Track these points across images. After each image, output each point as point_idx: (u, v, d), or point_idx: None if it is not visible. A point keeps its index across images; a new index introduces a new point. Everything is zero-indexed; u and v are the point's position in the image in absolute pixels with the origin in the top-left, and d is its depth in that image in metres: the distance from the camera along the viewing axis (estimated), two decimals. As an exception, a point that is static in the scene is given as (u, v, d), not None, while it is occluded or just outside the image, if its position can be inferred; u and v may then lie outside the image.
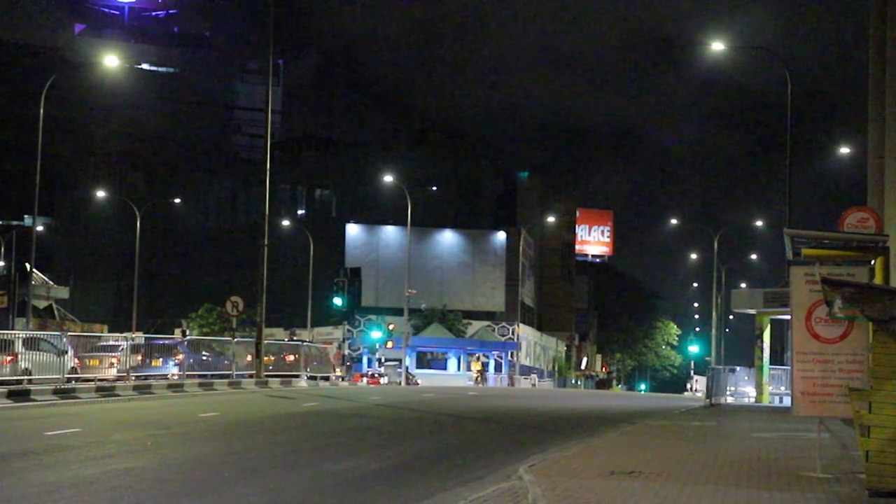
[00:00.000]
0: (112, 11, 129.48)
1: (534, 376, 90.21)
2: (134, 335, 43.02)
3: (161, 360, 39.24)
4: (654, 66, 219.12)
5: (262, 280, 43.37)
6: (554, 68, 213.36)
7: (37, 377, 30.36)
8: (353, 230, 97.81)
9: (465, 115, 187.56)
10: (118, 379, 34.29)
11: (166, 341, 40.95)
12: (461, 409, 29.26)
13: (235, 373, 40.53)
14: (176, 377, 36.65)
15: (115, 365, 35.65)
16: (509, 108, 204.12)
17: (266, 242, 43.93)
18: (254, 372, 41.69)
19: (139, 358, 36.97)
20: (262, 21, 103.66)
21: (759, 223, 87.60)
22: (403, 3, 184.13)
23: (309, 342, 55.42)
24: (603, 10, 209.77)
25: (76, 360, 33.38)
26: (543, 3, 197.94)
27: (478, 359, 78.92)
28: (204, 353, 42.11)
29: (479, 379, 72.46)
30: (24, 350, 31.25)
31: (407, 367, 67.35)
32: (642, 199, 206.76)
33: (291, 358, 46.97)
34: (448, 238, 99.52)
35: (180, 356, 38.16)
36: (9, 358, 30.69)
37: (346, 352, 56.19)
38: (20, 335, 32.55)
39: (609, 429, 23.11)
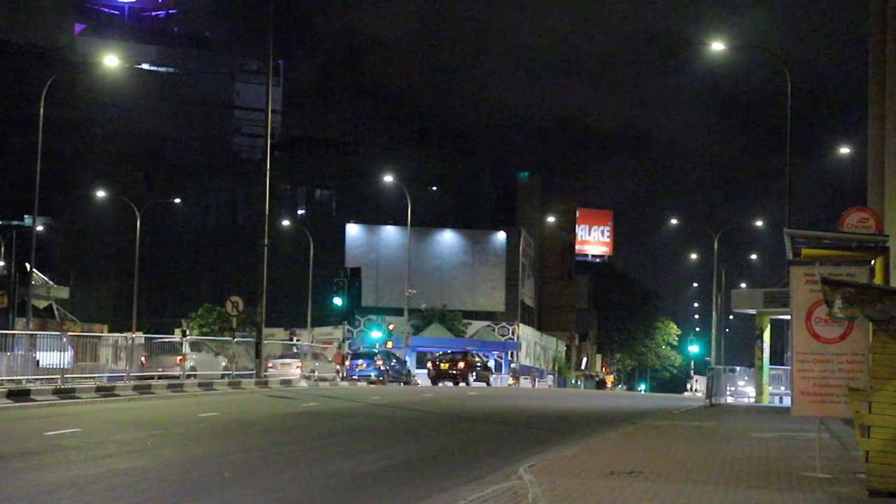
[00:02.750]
0: (112, 11, 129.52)
1: (537, 377, 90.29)
2: (134, 335, 43.03)
3: (364, 363, 53.13)
4: (655, 67, 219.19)
5: (262, 280, 43.39)
6: (556, 69, 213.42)
7: (201, 373, 39.40)
8: (353, 230, 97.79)
9: (466, 115, 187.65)
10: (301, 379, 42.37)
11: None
12: (461, 409, 29.25)
13: (235, 373, 40.53)
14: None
15: (300, 368, 45.87)
16: (511, 109, 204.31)
17: (266, 242, 43.94)
18: (254, 372, 41.74)
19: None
20: (263, 21, 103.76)
21: (759, 223, 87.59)
22: (408, 5, 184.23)
23: (308, 343, 55.43)
24: (605, 12, 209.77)
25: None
26: (547, 5, 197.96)
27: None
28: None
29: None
30: (190, 351, 40.81)
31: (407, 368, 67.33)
32: (643, 199, 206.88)
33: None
34: (448, 238, 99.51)
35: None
36: (179, 358, 39.24)
37: (346, 352, 56.15)
38: (187, 340, 41.50)
39: (609, 429, 23.10)
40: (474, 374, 57.62)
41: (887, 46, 24.25)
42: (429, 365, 59.74)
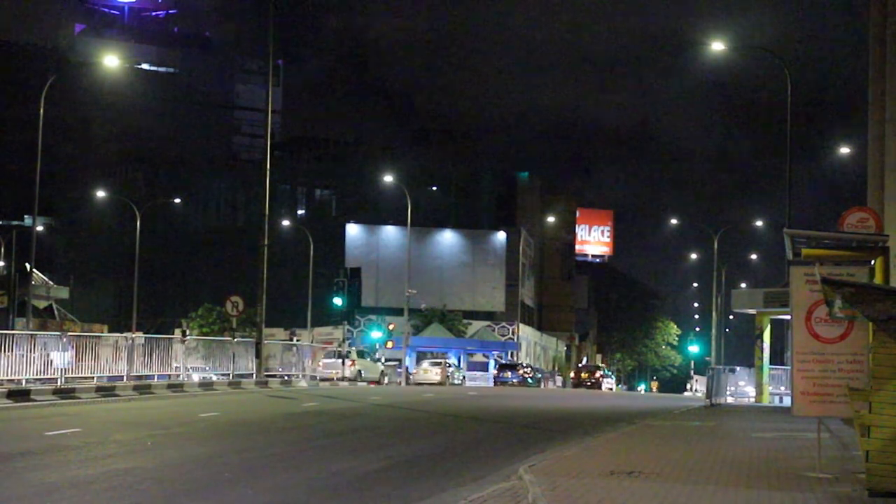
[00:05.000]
0: (112, 11, 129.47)
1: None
2: (134, 335, 42.99)
3: (510, 373, 68.00)
4: (657, 68, 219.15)
5: (262, 280, 43.35)
6: (556, 69, 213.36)
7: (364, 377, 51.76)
8: (353, 230, 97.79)
9: (467, 114, 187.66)
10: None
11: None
12: (461, 409, 29.25)
13: (235, 373, 40.53)
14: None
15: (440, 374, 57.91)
16: (512, 108, 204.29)
17: (266, 242, 43.91)
18: (254, 372, 41.71)
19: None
20: (263, 21, 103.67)
21: (759, 223, 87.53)
22: (410, 5, 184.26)
23: (308, 343, 55.50)
24: (606, 12, 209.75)
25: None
26: (549, 6, 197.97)
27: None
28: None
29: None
30: (357, 357, 53.45)
31: (407, 368, 67.30)
32: (643, 199, 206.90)
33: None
34: (448, 238, 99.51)
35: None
36: (350, 363, 52.12)
37: (346, 351, 56.20)
38: (353, 348, 53.02)
39: (609, 429, 23.11)
40: (604, 381, 77.45)
41: (888, 47, 24.25)
42: (571, 374, 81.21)
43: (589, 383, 74.88)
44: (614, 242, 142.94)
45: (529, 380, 69.58)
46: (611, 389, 76.98)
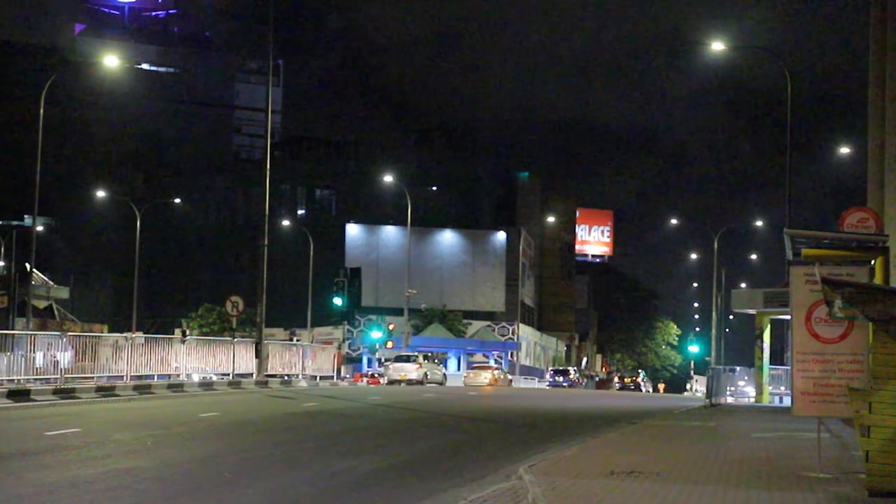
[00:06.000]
0: (112, 11, 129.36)
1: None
2: (134, 335, 43.00)
3: (562, 378, 74.29)
4: (658, 68, 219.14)
5: (262, 280, 43.35)
6: (557, 69, 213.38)
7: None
8: (353, 230, 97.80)
9: (467, 114, 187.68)
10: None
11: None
12: (461, 410, 29.25)
13: (235, 372, 40.53)
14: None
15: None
16: (512, 109, 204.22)
17: (266, 242, 43.91)
18: (254, 372, 41.71)
19: None
20: (264, 20, 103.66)
21: (759, 223, 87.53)
22: (412, 5, 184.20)
23: (308, 343, 55.48)
24: (606, 12, 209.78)
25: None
26: (550, 6, 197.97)
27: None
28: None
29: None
30: (425, 362, 57.79)
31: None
32: (643, 198, 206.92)
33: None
34: (448, 238, 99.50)
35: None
36: (418, 365, 56.52)
37: (346, 351, 56.25)
38: (420, 355, 57.38)
39: (609, 429, 23.10)
40: (643, 384, 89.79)
41: (888, 47, 24.24)
42: (615, 378, 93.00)
43: (632, 387, 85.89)
44: (614, 242, 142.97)
45: (585, 386, 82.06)
46: (648, 392, 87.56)
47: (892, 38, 24.04)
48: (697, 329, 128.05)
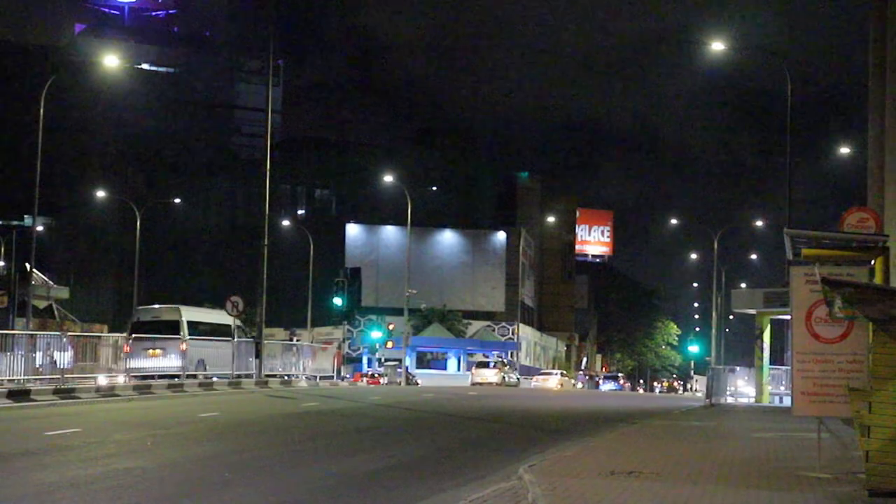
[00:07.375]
0: (112, 11, 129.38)
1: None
2: (133, 335, 42.94)
3: (611, 382, 79.06)
4: (659, 68, 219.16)
5: (262, 280, 43.34)
6: (557, 69, 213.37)
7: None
8: (353, 230, 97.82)
9: (467, 115, 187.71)
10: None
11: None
12: (461, 410, 29.25)
13: (235, 372, 40.53)
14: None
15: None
16: (512, 109, 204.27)
17: (266, 242, 43.90)
18: (254, 372, 41.71)
19: None
20: (264, 21, 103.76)
21: (759, 223, 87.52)
22: (413, 5, 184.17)
23: (308, 343, 55.46)
24: (607, 12, 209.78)
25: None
26: (551, 6, 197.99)
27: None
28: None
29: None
30: (505, 368, 63.89)
31: (407, 367, 67.32)
32: (643, 199, 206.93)
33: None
34: (448, 238, 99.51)
35: None
36: (498, 369, 65.29)
37: (346, 351, 56.24)
38: (500, 362, 63.54)
39: (609, 429, 23.10)
40: (682, 386, 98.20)
41: (888, 47, 24.23)
42: (656, 384, 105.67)
43: (671, 390, 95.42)
44: (614, 242, 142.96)
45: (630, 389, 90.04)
46: (685, 392, 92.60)
47: (892, 38, 24.02)
48: (697, 329, 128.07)
